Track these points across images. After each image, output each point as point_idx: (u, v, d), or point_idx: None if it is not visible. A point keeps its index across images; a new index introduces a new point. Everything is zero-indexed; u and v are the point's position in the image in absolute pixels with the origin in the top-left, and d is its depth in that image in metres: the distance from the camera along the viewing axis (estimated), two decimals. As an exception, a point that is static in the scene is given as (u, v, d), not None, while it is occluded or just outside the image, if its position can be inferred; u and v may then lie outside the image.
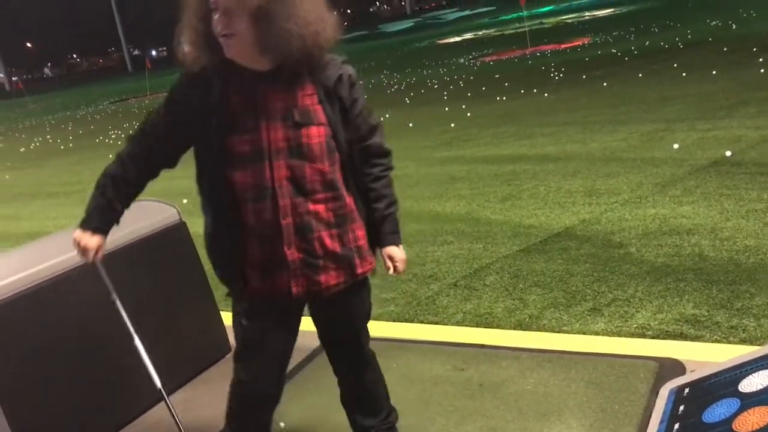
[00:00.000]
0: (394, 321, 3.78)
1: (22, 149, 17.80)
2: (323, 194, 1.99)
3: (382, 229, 2.15)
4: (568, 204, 5.38)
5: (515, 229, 5.00)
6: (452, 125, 9.98)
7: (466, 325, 3.58)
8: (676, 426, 2.10)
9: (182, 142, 2.07)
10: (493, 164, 7.20)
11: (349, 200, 2.07)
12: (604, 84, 11.42)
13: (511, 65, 17.68)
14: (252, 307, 2.13)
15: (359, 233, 2.11)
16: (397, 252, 2.16)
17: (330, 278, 2.07)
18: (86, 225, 2.10)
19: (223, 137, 1.94)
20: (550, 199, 5.59)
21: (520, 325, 3.49)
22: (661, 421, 2.18)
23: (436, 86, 15.53)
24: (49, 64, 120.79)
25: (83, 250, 2.10)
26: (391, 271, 2.17)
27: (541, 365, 3.01)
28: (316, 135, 1.96)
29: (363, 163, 2.10)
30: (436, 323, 3.67)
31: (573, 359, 3.04)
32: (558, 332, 3.36)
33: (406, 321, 3.76)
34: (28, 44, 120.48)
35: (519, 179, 6.40)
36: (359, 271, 2.13)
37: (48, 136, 19.73)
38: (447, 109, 11.76)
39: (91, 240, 2.10)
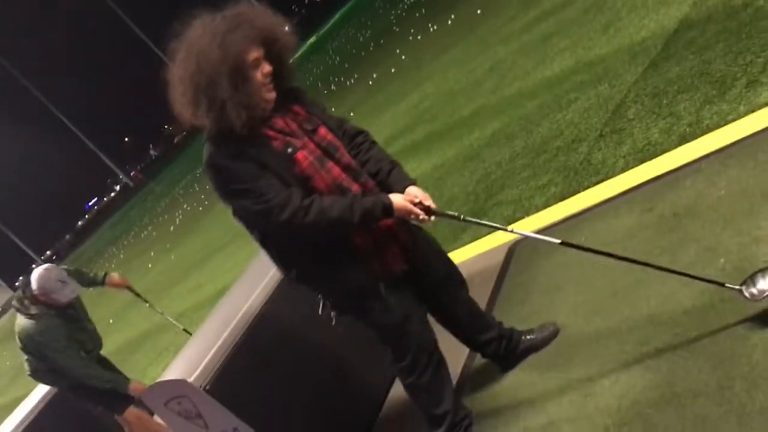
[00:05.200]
0: (562, 200, 3.70)
1: (171, 227, 19.10)
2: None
3: (395, 179, 2.36)
4: (670, -4, 4.97)
5: (631, 50, 4.70)
6: (517, -11, 9.47)
7: (633, 167, 3.43)
8: None
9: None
10: (576, 1, 6.79)
11: None
12: None
13: None
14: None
15: None
16: (416, 189, 2.31)
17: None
18: (388, 207, 2.24)
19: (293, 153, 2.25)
20: (649, 2, 5.19)
21: (684, 139, 3.29)
22: None
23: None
24: (150, 145, 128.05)
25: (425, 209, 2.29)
26: (422, 216, 2.26)
27: (725, 165, 2.83)
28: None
29: (350, 147, 2.42)
30: (603, 181, 3.55)
31: (755, 141, 2.85)
32: (725, 125, 3.15)
33: (574, 194, 3.66)
34: (126, 139, 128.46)
35: (606, 1, 6.00)
36: None
37: (185, 206, 21.02)
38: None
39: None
